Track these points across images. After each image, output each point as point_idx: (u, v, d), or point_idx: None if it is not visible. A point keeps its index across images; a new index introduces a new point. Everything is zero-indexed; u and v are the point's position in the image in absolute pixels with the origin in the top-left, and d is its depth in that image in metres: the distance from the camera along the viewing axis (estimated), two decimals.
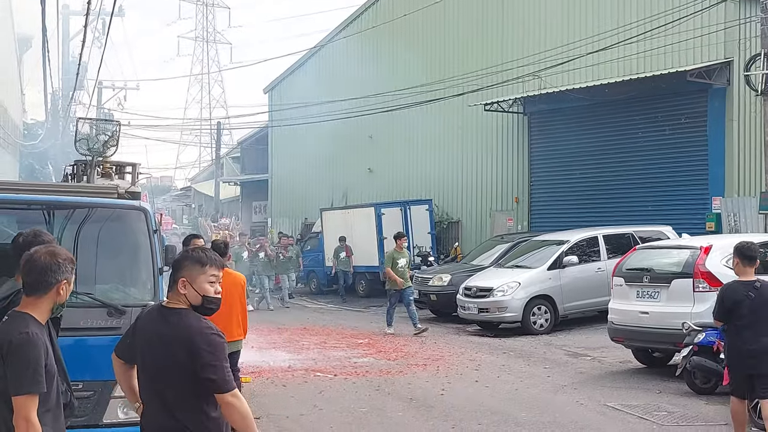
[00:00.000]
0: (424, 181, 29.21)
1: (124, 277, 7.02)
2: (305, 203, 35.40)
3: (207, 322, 4.34)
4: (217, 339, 4.25)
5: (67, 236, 6.67)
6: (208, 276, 4.36)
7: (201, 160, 71.59)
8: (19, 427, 3.99)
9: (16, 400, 4.00)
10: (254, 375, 12.97)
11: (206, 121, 63.30)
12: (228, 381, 4.22)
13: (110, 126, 9.34)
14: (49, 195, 7.22)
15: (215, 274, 4.39)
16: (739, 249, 7.87)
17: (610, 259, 17.20)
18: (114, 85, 51.24)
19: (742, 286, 7.76)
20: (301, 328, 19.22)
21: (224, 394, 4.21)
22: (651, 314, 12.14)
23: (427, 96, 26.55)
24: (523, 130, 25.48)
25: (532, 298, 17.34)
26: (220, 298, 4.42)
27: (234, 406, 4.22)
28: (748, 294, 7.67)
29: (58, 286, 4.21)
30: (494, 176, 26.57)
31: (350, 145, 33.18)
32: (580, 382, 12.23)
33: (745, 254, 7.82)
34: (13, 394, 4.01)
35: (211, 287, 4.37)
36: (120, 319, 6.44)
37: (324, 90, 33.43)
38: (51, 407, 4.19)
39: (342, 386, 12.24)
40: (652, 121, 21.67)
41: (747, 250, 7.84)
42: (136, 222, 6.97)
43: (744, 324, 7.67)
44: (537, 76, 23.12)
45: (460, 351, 15.41)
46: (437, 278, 20.61)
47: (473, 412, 10.35)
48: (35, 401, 4.02)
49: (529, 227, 24.88)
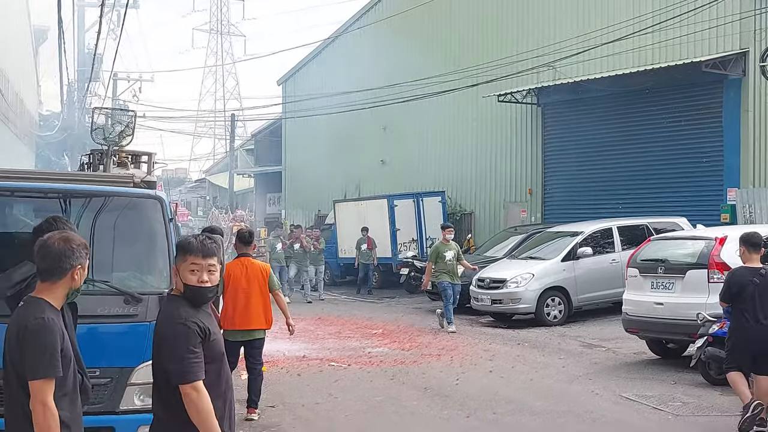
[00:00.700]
0: (438, 172, 29.16)
1: (140, 265, 7.03)
2: (319, 195, 35.40)
3: (179, 311, 4.26)
4: (180, 329, 4.19)
5: (83, 224, 6.67)
6: (189, 264, 4.30)
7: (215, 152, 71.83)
8: (36, 411, 4.00)
9: (33, 384, 4.01)
10: (269, 364, 12.96)
11: (220, 113, 63.45)
12: (186, 373, 4.13)
13: (126, 115, 9.34)
14: (65, 184, 7.24)
15: (197, 262, 4.29)
16: (744, 238, 8.60)
17: (624, 250, 17.12)
18: (129, 76, 51.39)
19: (749, 272, 8.41)
20: (315, 318, 19.24)
21: (183, 385, 4.15)
22: (665, 305, 12.08)
23: (440, 87, 26.47)
24: (537, 122, 25.38)
25: (546, 289, 17.29)
26: (202, 288, 4.30)
27: (190, 398, 4.14)
28: (753, 279, 8.31)
29: (72, 272, 4.22)
30: (508, 168, 26.49)
31: (363, 136, 33.16)
32: (594, 372, 12.19)
33: (751, 242, 8.53)
34: (29, 379, 4.02)
35: (193, 276, 4.28)
36: (136, 306, 6.46)
37: (337, 81, 33.42)
38: (68, 392, 4.20)
39: (357, 375, 12.24)
40: (666, 112, 21.54)
41: (752, 238, 8.57)
42: (151, 210, 6.97)
43: (748, 307, 8.29)
44: (551, 66, 23.01)
45: (474, 342, 15.39)
46: None
47: (488, 402, 10.33)
48: (52, 385, 4.03)
49: (543, 219, 24.81)
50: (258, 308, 9.35)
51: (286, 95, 39.83)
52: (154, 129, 55.39)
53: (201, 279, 4.29)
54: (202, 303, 4.35)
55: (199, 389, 4.13)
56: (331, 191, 33.51)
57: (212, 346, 4.30)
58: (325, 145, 35.36)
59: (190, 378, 4.13)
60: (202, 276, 4.29)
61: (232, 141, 47.12)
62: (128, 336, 6.53)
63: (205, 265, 4.30)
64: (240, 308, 9.36)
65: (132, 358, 6.46)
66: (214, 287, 4.36)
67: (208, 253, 4.32)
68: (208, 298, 4.35)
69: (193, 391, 4.13)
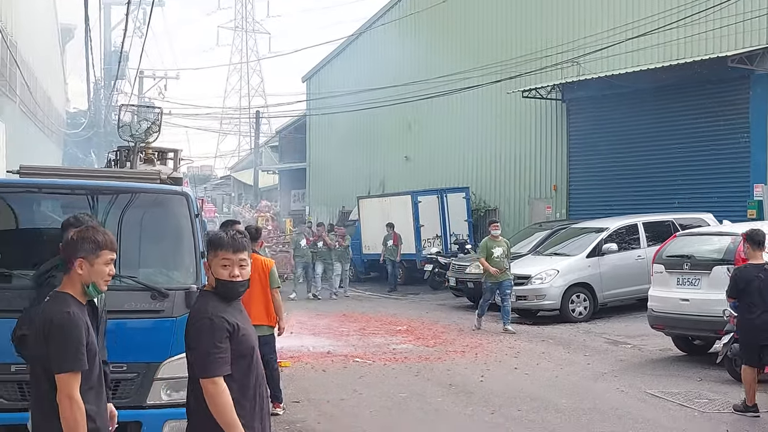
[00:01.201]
0: (462, 168, 29.10)
1: (167, 261, 7.05)
2: (343, 191, 35.42)
3: (207, 306, 4.31)
4: (205, 323, 4.23)
5: (110, 221, 6.71)
6: (220, 259, 4.35)
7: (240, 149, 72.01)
8: (63, 404, 4.03)
9: (59, 378, 4.04)
10: (294, 360, 13.03)
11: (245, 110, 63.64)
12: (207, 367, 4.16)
13: (152, 113, 9.40)
14: (92, 180, 7.29)
15: (228, 257, 4.33)
16: (749, 235, 9.20)
17: (649, 246, 17.02)
18: (155, 74, 51.64)
19: (754, 268, 9.02)
20: (340, 314, 19.26)
21: (203, 379, 4.21)
22: (691, 301, 12.00)
23: (464, 83, 26.40)
24: (561, 117, 25.25)
25: (571, 285, 17.23)
26: (234, 282, 4.34)
27: (208, 392, 4.18)
28: (758, 275, 8.91)
29: (76, 264, 4.23)
30: (532, 164, 26.38)
31: (387, 133, 33.14)
32: (620, 369, 12.13)
33: (755, 240, 9.13)
34: (56, 372, 4.05)
35: (225, 270, 4.34)
36: (163, 302, 6.49)
37: (361, 78, 33.42)
38: (93, 385, 4.24)
39: (381, 372, 12.25)
40: (692, 107, 21.35)
41: (756, 236, 9.15)
42: (178, 207, 7.00)
43: (754, 301, 8.90)
44: (576, 62, 22.89)
45: (498, 338, 15.36)
46: (474, 266, 20.42)
47: (513, 399, 10.31)
48: (78, 379, 4.07)
49: (568, 215, 24.69)
50: (259, 304, 9.17)
51: (310, 92, 39.88)
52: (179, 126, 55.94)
53: (233, 273, 4.33)
54: (234, 297, 4.40)
55: (217, 384, 4.16)
56: (355, 187, 33.51)
57: (242, 341, 4.31)
58: (349, 142, 35.40)
59: (210, 372, 4.17)
60: (233, 270, 4.33)
61: (257, 138, 47.26)
62: (155, 331, 6.56)
63: (236, 260, 4.35)
64: (244, 304, 9.26)
65: (159, 354, 6.49)
66: (245, 281, 4.41)
67: (239, 248, 4.37)
68: (239, 292, 4.40)
69: (212, 386, 4.16)
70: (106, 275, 4.29)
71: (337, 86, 35.36)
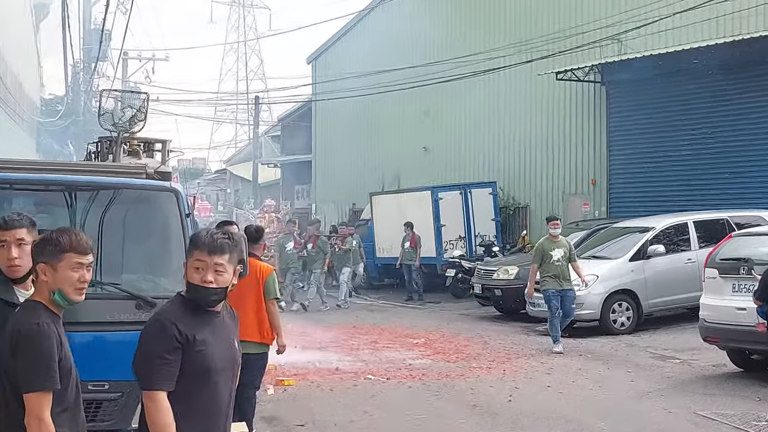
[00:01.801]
0: (487, 161, 29.08)
1: (153, 265, 7.10)
2: (353, 187, 35.47)
3: (165, 308, 4.35)
4: (153, 326, 4.24)
5: (90, 221, 6.75)
6: (194, 260, 4.31)
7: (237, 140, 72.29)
8: (31, 426, 4.01)
9: (28, 397, 4.02)
10: (298, 378, 13.06)
11: (243, 95, 63.84)
12: (145, 376, 4.15)
13: (137, 99, 9.42)
14: (70, 175, 7.32)
15: (201, 259, 4.27)
16: None
17: (701, 248, 16.95)
18: (141, 55, 51.91)
19: None
20: (349, 326, 19.29)
21: (143, 391, 4.20)
22: (749, 310, 11.92)
23: (489, 64, 26.38)
24: (600, 102, 25.19)
25: (612, 293, 17.19)
26: (204, 288, 4.25)
27: (146, 408, 4.17)
28: None
29: (38, 269, 4.23)
30: (567, 155, 26.34)
31: (403, 121, 33.16)
32: (667, 387, 12.10)
33: None
34: (24, 391, 4.03)
35: (197, 274, 4.28)
36: (149, 312, 6.50)
37: (373, 59, 33.42)
38: (68, 406, 4.22)
39: (396, 390, 12.26)
40: (748, 90, 21.25)
41: None
42: (166, 205, 7.04)
43: None
44: (617, 39, 22.83)
45: (529, 353, 15.35)
46: (502, 271, 20.52)
47: (545, 420, 10.30)
48: (48, 399, 4.05)
49: (608, 212, 24.66)
50: (248, 317, 8.80)
51: (316, 75, 39.96)
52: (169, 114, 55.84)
53: (204, 278, 4.25)
54: (205, 305, 4.32)
55: (155, 400, 4.11)
56: (367, 183, 33.56)
57: (196, 358, 4.21)
58: (359, 131, 35.45)
59: (147, 383, 4.14)
60: (206, 275, 4.25)
61: (256, 127, 47.42)
62: None
63: (211, 263, 4.25)
64: None
65: None
66: (220, 290, 4.30)
67: (216, 250, 4.27)
68: (211, 301, 4.31)
69: (149, 401, 4.14)
70: (76, 282, 4.22)
71: (346, 68, 35.39)
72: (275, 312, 9.23)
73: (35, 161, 9.84)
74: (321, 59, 39.77)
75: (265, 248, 10.87)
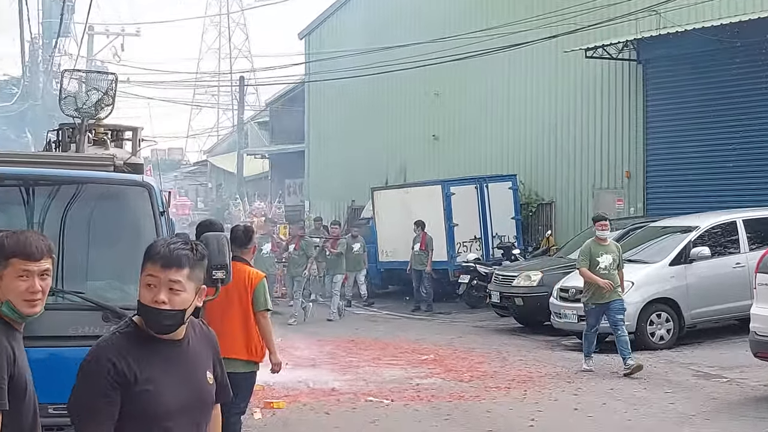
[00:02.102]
0: (506, 151, 29.09)
1: (122, 271, 7.11)
2: (352, 181, 35.46)
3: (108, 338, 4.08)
4: (86, 367, 4.01)
5: (50, 219, 6.77)
6: (146, 275, 4.04)
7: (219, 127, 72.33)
8: None
9: None
10: (289, 399, 13.08)
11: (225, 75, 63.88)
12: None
13: (104, 80, 9.43)
14: (27, 168, 7.33)
15: (154, 274, 3.99)
16: None
17: (752, 251, 16.99)
18: (108, 30, 51.96)
19: None
20: (347, 340, 19.33)
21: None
22: None
23: (508, 40, 26.38)
24: (636, 83, 25.19)
25: (650, 302, 17.20)
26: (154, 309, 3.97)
27: None
28: None
29: None
30: (599, 144, 26.34)
31: (409, 105, 33.17)
32: (712, 410, 12.12)
33: None
34: None
35: (148, 292, 4.00)
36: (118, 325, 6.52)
37: (375, 34, 33.42)
38: (25, 430, 4.22)
39: (401, 414, 12.28)
40: None
41: None
42: (137, 201, 7.07)
43: None
44: (655, 11, 22.82)
45: (554, 370, 15.37)
46: (524, 277, 20.54)
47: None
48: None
49: (645, 210, 24.67)
50: (234, 331, 8.82)
51: (309, 52, 39.96)
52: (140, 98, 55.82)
53: (156, 298, 3.96)
54: (158, 332, 4.03)
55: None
56: (368, 176, 33.54)
57: (138, 401, 3.98)
58: (359, 117, 35.44)
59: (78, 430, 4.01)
60: (158, 294, 3.96)
61: (241, 112, 47.48)
62: None
63: (165, 280, 3.97)
64: (215, 329, 8.92)
65: None
66: (176, 312, 4.00)
67: (172, 264, 3.98)
68: (164, 326, 4.01)
69: None
70: (24, 292, 4.14)
71: (343, 44, 35.39)
72: (267, 325, 9.15)
73: None
74: (315, 35, 39.78)
75: (254, 252, 10.70)
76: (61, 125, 9.50)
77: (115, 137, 9.38)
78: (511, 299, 20.53)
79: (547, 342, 18.46)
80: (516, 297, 20.38)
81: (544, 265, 21.15)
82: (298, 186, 43.76)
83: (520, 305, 20.40)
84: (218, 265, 7.03)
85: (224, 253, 7.11)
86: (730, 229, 18.02)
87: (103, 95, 9.08)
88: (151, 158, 45.40)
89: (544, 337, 18.90)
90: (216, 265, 7.02)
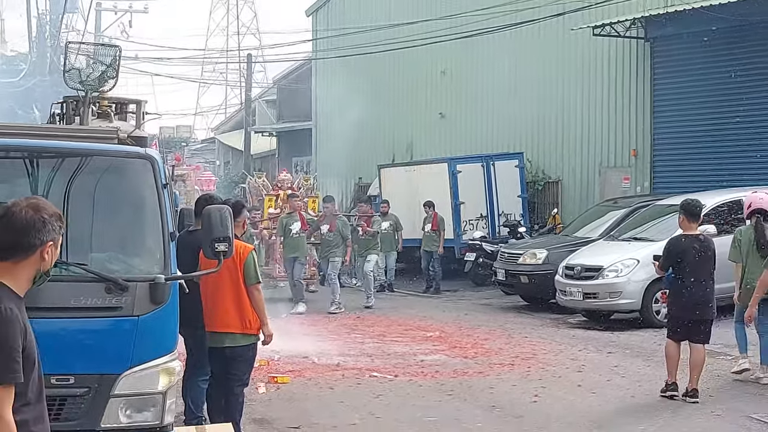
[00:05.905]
0: (513, 129, 28.99)
1: (125, 243, 7.11)
2: (359, 159, 35.44)
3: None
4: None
5: (54, 192, 6.75)
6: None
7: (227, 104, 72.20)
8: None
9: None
10: (294, 375, 13.11)
11: (233, 52, 63.71)
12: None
13: (108, 53, 9.40)
14: (30, 139, 7.33)
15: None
16: (684, 206, 11.29)
17: None
18: (116, 6, 51.82)
19: (688, 239, 11.19)
20: (353, 317, 19.36)
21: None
22: None
23: (515, 17, 26.27)
24: (644, 61, 25.09)
25: (655, 280, 17.11)
26: None
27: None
28: (693, 246, 11.08)
29: (42, 249, 4.24)
30: (605, 123, 26.26)
31: (417, 83, 33.07)
32: (716, 387, 12.15)
33: (690, 211, 11.22)
34: None
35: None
36: (121, 296, 6.53)
37: (383, 11, 33.37)
38: (31, 400, 4.24)
39: (405, 390, 12.31)
40: None
41: (692, 207, 11.27)
42: (140, 174, 7.04)
43: (689, 274, 11.06)
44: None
45: (558, 347, 15.39)
46: (530, 255, 20.53)
47: (574, 425, 10.35)
48: (10, 393, 4.07)
49: (652, 188, 24.61)
50: (227, 305, 8.95)
51: (317, 29, 39.85)
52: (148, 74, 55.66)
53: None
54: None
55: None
56: (375, 154, 33.54)
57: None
58: (367, 95, 35.33)
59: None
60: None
61: (249, 89, 47.35)
62: (111, 334, 6.63)
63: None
64: (208, 304, 9.03)
65: (115, 363, 6.56)
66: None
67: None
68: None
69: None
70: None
71: (351, 21, 35.29)
72: (259, 298, 9.20)
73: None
74: (322, 11, 39.65)
75: (245, 226, 10.64)
76: (65, 98, 9.50)
77: (119, 110, 9.39)
78: (517, 277, 20.54)
79: (552, 320, 18.47)
80: (521, 275, 20.38)
81: (550, 243, 21.16)
82: (305, 163, 43.71)
83: (525, 283, 20.42)
84: (220, 237, 7.04)
85: (227, 226, 7.11)
86: (736, 208, 17.92)
87: (107, 68, 9.07)
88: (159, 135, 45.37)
89: (550, 314, 18.91)
90: (218, 238, 7.03)
